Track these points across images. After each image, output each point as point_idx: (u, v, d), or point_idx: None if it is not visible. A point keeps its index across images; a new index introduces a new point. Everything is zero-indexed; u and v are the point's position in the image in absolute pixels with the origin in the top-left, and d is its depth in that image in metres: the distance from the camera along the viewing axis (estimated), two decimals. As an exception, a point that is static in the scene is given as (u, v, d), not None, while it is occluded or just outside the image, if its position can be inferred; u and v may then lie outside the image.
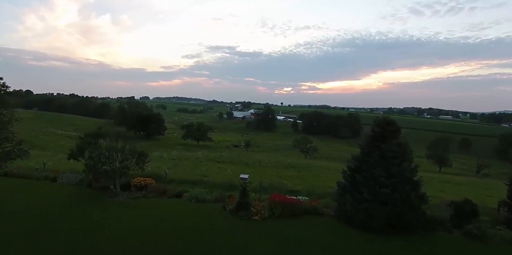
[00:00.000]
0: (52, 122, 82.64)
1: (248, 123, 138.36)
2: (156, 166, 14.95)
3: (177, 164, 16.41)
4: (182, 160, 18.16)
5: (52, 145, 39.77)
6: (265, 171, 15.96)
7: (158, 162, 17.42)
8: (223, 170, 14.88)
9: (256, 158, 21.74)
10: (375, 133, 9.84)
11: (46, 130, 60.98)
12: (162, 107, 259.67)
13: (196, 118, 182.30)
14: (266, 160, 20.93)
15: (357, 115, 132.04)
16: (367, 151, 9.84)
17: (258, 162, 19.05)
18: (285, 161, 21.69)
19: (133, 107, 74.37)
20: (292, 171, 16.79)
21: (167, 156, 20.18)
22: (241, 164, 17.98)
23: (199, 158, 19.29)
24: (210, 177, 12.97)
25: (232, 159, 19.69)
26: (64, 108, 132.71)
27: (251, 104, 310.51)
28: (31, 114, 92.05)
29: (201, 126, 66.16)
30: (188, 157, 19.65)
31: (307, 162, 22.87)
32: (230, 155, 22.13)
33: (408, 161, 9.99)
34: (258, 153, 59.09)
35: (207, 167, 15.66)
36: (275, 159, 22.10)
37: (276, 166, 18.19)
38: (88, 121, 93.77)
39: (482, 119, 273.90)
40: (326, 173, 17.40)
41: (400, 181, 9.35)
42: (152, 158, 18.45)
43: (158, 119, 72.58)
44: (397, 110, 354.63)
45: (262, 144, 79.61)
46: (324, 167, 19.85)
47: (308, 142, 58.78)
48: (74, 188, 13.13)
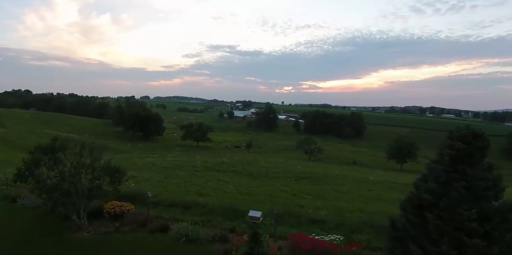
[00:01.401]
0: (49, 123, 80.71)
1: (249, 123, 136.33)
2: (145, 179, 12.73)
3: (170, 175, 14.16)
4: (176, 170, 15.97)
5: (43, 147, 37.71)
6: (273, 184, 13.67)
7: (148, 171, 15.23)
8: (223, 185, 12.50)
9: (260, 164, 19.50)
10: (457, 152, 6.12)
11: (40, 131, 59.00)
12: (162, 106, 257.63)
13: (196, 117, 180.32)
14: (273, 167, 18.66)
15: (360, 114, 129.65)
16: (446, 178, 6.23)
17: (264, 172, 16.74)
18: (294, 168, 19.38)
19: (131, 107, 72.23)
20: (307, 184, 14.46)
21: (161, 163, 18.04)
22: (245, 175, 15.72)
23: (196, 166, 17.12)
24: (207, 196, 10.35)
25: (234, 167, 17.49)
26: (62, 108, 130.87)
27: (252, 103, 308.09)
28: (28, 115, 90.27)
29: (201, 126, 64.10)
30: (184, 165, 17.49)
31: (319, 169, 20.59)
32: (231, 161, 19.92)
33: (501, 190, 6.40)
34: (260, 154, 57.06)
35: (205, 179, 13.37)
36: (282, 166, 19.84)
37: (285, 177, 15.88)
38: (85, 121, 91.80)
39: (485, 118, 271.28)
40: (347, 186, 15.12)
41: (499, 227, 6.05)
42: (142, 167, 16.43)
43: (157, 119, 70.57)
44: (399, 109, 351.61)
45: (264, 144, 77.53)
46: (341, 177, 17.58)
47: (312, 143, 56.69)
48: (33, 214, 10.33)
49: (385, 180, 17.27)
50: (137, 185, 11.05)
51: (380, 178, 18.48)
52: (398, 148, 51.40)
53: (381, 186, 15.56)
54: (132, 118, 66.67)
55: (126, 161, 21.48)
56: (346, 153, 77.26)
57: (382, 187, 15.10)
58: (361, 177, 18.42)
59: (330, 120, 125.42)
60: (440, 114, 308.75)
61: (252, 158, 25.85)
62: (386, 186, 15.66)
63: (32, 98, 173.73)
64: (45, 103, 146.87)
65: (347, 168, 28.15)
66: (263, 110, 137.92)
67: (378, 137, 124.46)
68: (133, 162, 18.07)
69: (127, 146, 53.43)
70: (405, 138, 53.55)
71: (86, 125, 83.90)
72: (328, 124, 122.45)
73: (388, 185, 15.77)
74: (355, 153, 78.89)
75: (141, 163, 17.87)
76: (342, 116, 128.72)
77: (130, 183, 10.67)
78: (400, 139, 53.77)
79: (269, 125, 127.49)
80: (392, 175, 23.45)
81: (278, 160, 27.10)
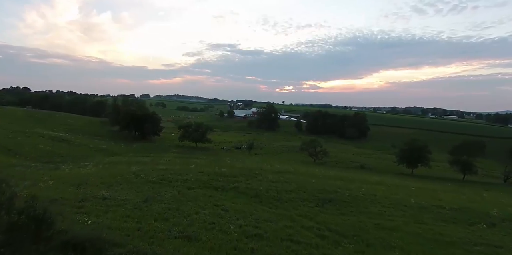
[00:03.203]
0: (42, 121, 77.66)
1: (250, 122, 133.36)
2: (117, 204, 9.51)
3: (153, 195, 11.07)
4: (163, 186, 12.82)
5: (26, 149, 34.63)
6: (289, 214, 10.37)
7: (127, 187, 12.15)
8: (222, 217, 8.98)
9: (268, 178, 16.28)
10: None
11: (31, 130, 55.87)
12: (162, 105, 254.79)
13: (196, 116, 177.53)
14: (283, 182, 15.19)
15: (363, 115, 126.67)
16: None
17: (274, 190, 13.36)
18: (309, 183, 16.02)
19: (127, 106, 69.14)
20: (334, 213, 10.82)
21: (147, 174, 14.93)
22: (250, 195, 12.37)
23: (189, 181, 13.98)
24: (197, 242, 6.80)
25: (236, 182, 14.35)
26: (59, 106, 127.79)
27: (253, 102, 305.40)
28: (21, 112, 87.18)
29: (200, 126, 61.00)
30: (174, 178, 14.39)
31: (338, 183, 17.22)
32: (232, 172, 16.75)
33: None
34: (262, 157, 54.01)
35: (197, 205, 10.02)
36: (294, 179, 16.55)
37: (302, 199, 12.43)
38: (81, 120, 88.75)
39: (488, 120, 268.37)
40: (389, 216, 11.71)
41: None
42: (122, 181, 13.37)
43: (154, 118, 67.46)
44: (400, 110, 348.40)
45: (266, 145, 74.47)
46: (371, 198, 14.20)
47: (317, 145, 53.68)
48: None
49: (426, 203, 13.95)
50: (99, 219, 7.87)
51: (417, 198, 15.18)
52: (410, 152, 48.36)
53: (428, 213, 12.38)
54: (128, 117, 63.59)
55: (109, 169, 18.47)
56: (351, 155, 74.31)
57: (431, 216, 11.94)
58: (394, 196, 15.12)
59: (333, 120, 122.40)
60: (443, 115, 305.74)
61: (256, 166, 22.72)
62: (434, 213, 12.44)
63: (30, 95, 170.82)
64: (42, 100, 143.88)
65: (365, 178, 25.00)
66: (264, 109, 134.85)
67: (382, 138, 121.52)
68: (113, 173, 15.00)
69: (120, 147, 50.39)
70: (416, 141, 50.55)
71: (82, 124, 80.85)
72: (330, 125, 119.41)
73: (435, 212, 12.51)
74: (360, 155, 75.95)
75: (123, 173, 14.79)
76: (345, 116, 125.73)
77: (87, 218, 7.52)
78: (411, 142, 50.73)
79: (270, 125, 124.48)
80: (425, 191, 19.79)
81: (286, 168, 23.91)
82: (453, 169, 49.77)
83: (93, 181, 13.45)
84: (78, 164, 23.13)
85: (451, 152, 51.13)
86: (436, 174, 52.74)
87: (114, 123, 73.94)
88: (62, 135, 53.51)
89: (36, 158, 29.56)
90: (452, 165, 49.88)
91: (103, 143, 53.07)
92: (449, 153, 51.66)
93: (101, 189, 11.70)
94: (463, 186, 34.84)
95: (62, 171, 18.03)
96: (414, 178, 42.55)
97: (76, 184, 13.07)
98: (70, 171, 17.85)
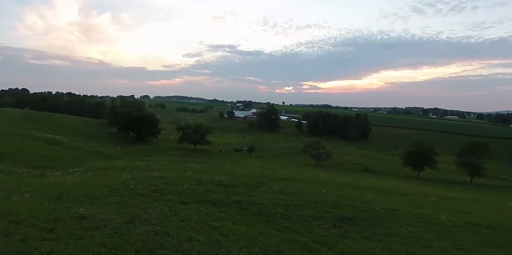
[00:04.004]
0: (38, 123, 76.13)
1: (250, 123, 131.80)
2: (94, 227, 7.84)
3: (139, 213, 9.36)
4: (154, 200, 11.06)
5: (17, 153, 33.05)
6: (301, 240, 8.41)
7: (112, 202, 10.57)
8: (219, 249, 6.64)
9: (273, 188, 14.61)
10: None
11: (25, 132, 54.25)
12: (162, 106, 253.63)
13: (196, 117, 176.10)
14: (290, 193, 13.40)
15: (365, 115, 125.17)
16: None
17: (282, 209, 11.31)
18: (319, 193, 14.21)
19: (125, 107, 67.43)
20: (356, 237, 8.96)
21: (137, 183, 13.32)
22: (254, 213, 10.61)
23: (183, 193, 12.32)
24: None
25: (237, 194, 12.68)
26: (57, 107, 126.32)
27: (253, 103, 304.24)
28: (17, 114, 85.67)
29: (199, 128, 59.40)
30: (167, 189, 12.75)
31: (352, 193, 15.40)
32: (232, 181, 15.11)
33: None
34: (263, 160, 52.45)
35: (191, 227, 8.09)
36: (303, 189, 14.80)
37: (315, 217, 10.54)
38: (79, 122, 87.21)
39: (489, 120, 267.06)
40: (420, 239, 9.63)
41: None
42: (108, 193, 11.73)
43: (151, 120, 65.82)
44: (401, 110, 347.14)
45: (267, 147, 72.86)
46: (393, 213, 12.06)
47: (320, 147, 52.09)
48: None
49: (457, 220, 12.12)
50: (68, 249, 6.24)
51: (445, 212, 13.42)
52: (416, 154, 46.72)
53: (464, 234, 10.58)
54: (125, 119, 61.96)
55: (98, 177, 16.90)
56: (353, 156, 72.73)
57: (469, 238, 10.19)
58: (419, 210, 13.37)
59: (334, 121, 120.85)
60: (444, 115, 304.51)
61: (258, 171, 21.12)
62: (471, 234, 10.68)
63: (28, 97, 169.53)
64: (40, 102, 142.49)
65: (376, 185, 23.35)
66: (264, 110, 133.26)
67: (384, 139, 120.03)
68: (101, 182, 13.44)
69: (117, 150, 48.79)
70: (423, 143, 48.93)
71: (79, 126, 79.29)
72: (332, 125, 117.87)
73: (472, 232, 10.76)
74: (363, 157, 74.38)
75: (111, 183, 13.23)
76: (346, 117, 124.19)
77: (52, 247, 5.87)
78: (417, 143, 49.13)
79: (270, 126, 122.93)
80: (448, 202, 17.72)
81: (290, 173, 22.27)
82: (461, 172, 48.22)
83: (76, 193, 11.89)
84: (67, 170, 21.57)
85: (458, 154, 49.57)
86: (442, 177, 51.16)
87: (111, 125, 72.34)
88: (57, 137, 51.89)
89: (25, 163, 28.01)
90: (459, 167, 48.31)
91: (99, 145, 51.48)
92: (456, 155, 50.10)
93: (82, 204, 10.13)
94: (478, 191, 33.26)
95: (46, 179, 16.46)
96: (422, 181, 40.97)
97: (55, 197, 11.52)
98: (55, 179, 16.28)
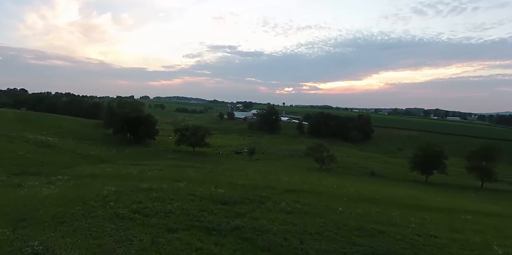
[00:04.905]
0: (33, 124, 73.96)
1: (250, 124, 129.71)
2: None
3: (114, 247, 7.27)
4: (136, 224, 8.80)
5: (4, 156, 31.00)
6: None
7: (85, 226, 8.48)
8: None
9: (281, 206, 12.43)
10: None
11: (17, 134, 52.18)
12: (161, 106, 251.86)
13: (195, 118, 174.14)
14: (307, 221, 11.00)
15: (367, 117, 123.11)
16: None
17: (296, 242, 8.66)
18: (337, 216, 12.06)
19: (121, 107, 65.22)
20: None
21: (118, 202, 11.27)
22: (259, 249, 8.37)
23: (172, 215, 10.23)
24: None
25: (238, 218, 10.49)
26: (54, 107, 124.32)
27: (253, 104, 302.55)
28: (12, 115, 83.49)
29: (198, 129, 57.27)
30: (154, 208, 10.62)
31: (374, 210, 13.14)
32: (233, 196, 13.04)
33: None
34: (265, 163, 50.33)
35: None
36: (316, 209, 12.71)
37: (342, 253, 8.44)
38: (75, 123, 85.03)
39: (490, 121, 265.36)
40: None
41: None
42: (83, 209, 9.65)
43: (149, 121, 63.66)
44: (402, 111, 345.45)
45: (268, 149, 70.74)
46: (440, 245, 9.71)
47: (324, 150, 49.98)
48: None
49: (510, 250, 9.94)
50: None
51: (496, 240, 11.00)
52: (425, 158, 44.55)
53: None
54: (121, 120, 59.80)
55: (79, 188, 14.81)
56: (356, 159, 70.63)
57: None
58: (462, 237, 11.16)
59: (336, 122, 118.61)
60: (445, 116, 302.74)
61: (261, 180, 19.04)
62: None
63: (26, 97, 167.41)
64: (38, 102, 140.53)
65: (388, 193, 21.24)
66: (265, 111, 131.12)
67: (386, 140, 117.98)
68: (79, 196, 11.39)
69: (111, 153, 46.67)
70: (432, 146, 46.77)
71: (75, 127, 77.08)
72: (333, 127, 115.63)
73: None
74: (366, 159, 72.31)
75: (90, 198, 11.16)
76: (348, 118, 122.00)
77: None
78: (426, 147, 46.97)
79: (271, 127, 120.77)
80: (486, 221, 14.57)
81: (296, 182, 20.16)
82: (471, 176, 46.06)
83: (43, 214, 9.84)
84: (49, 178, 19.50)
85: (468, 157, 47.48)
86: (451, 181, 49.05)
87: (108, 126, 70.22)
88: (49, 139, 49.80)
89: (8, 169, 25.93)
90: (470, 171, 46.14)
91: (93, 148, 49.35)
92: (466, 158, 47.97)
93: (44, 230, 8.10)
94: (493, 199, 31.18)
95: (20, 192, 14.37)
96: (434, 187, 38.90)
97: (17, 219, 9.47)
98: (29, 192, 14.20)
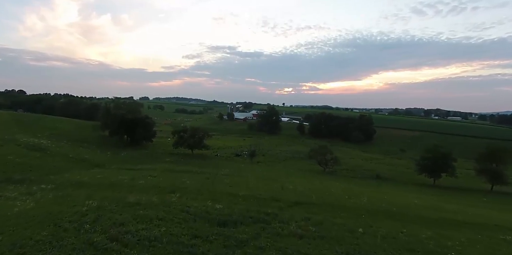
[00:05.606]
0: (28, 126, 72.09)
1: (250, 125, 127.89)
2: None
3: None
4: None
5: (-10, 161, 29.28)
6: None
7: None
8: None
9: (288, 224, 10.37)
10: None
11: (10, 136, 50.43)
12: (160, 107, 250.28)
13: (195, 119, 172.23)
14: (321, 247, 9.22)
15: (369, 117, 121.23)
16: None
17: None
18: (358, 241, 10.29)
19: (118, 108, 63.34)
20: None
21: (95, 223, 9.46)
22: None
23: (156, 245, 8.47)
24: None
25: (240, 248, 8.75)
26: (52, 109, 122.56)
27: (252, 104, 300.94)
28: (7, 116, 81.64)
29: (196, 131, 55.47)
30: (137, 233, 8.72)
31: (401, 234, 11.36)
32: (232, 214, 11.34)
33: None
34: (266, 166, 48.61)
35: None
36: (330, 231, 10.74)
37: None
38: (71, 124, 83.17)
39: (492, 121, 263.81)
40: None
41: None
42: (52, 234, 7.90)
43: (146, 122, 61.82)
44: (402, 111, 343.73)
45: (269, 151, 68.94)
46: None
47: (327, 152, 48.21)
48: None
49: None
50: None
51: None
52: (433, 160, 42.78)
53: None
54: (117, 121, 57.97)
55: (57, 201, 13.06)
56: (360, 161, 68.86)
57: None
58: None
59: (337, 123, 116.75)
60: (446, 116, 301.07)
61: (265, 192, 17.30)
62: None
63: (23, 98, 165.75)
64: (35, 103, 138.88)
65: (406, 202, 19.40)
66: (265, 111, 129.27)
67: (388, 141, 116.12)
68: (53, 213, 9.67)
69: (106, 156, 44.88)
70: (440, 148, 45.02)
71: (70, 129, 75.23)
72: (334, 127, 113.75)
73: None
74: (370, 161, 70.52)
75: (65, 217, 9.43)
76: (349, 118, 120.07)
77: None
78: (434, 149, 45.19)
79: (271, 128, 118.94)
80: None
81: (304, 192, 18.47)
82: (481, 179, 44.23)
83: (4, 239, 8.07)
84: (30, 188, 17.73)
85: (477, 159, 45.68)
86: (460, 184, 47.29)
87: (104, 128, 68.38)
88: (42, 142, 47.97)
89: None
90: (479, 174, 44.31)
91: (87, 151, 47.54)
92: (476, 160, 46.16)
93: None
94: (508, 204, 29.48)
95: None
96: (443, 191, 37.21)
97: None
98: (3, 205, 12.44)
